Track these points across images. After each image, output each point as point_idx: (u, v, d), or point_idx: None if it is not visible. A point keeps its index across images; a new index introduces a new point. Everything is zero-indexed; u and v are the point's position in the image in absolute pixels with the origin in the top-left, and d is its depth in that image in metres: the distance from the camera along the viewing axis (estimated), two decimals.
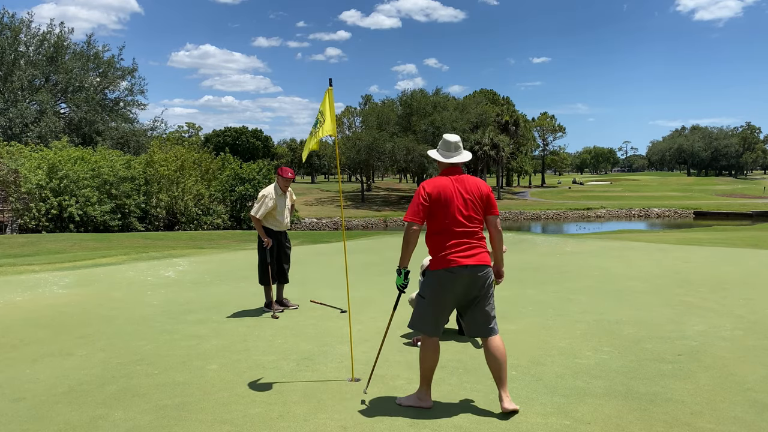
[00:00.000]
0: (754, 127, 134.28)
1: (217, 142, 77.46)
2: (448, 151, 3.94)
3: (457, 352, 5.11)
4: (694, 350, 5.08)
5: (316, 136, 4.65)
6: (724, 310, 6.59)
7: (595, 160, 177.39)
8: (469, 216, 3.82)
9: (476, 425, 3.59)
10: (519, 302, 6.91)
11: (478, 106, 66.72)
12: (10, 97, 40.33)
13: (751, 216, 49.14)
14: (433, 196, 3.79)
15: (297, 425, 3.62)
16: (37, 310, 7.17)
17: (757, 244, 14.57)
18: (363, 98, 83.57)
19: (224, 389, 4.27)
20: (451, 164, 3.92)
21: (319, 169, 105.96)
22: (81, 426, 3.66)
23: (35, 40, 44.41)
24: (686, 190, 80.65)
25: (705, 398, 3.98)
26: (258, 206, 6.81)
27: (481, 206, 3.87)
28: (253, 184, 33.19)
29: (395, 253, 12.36)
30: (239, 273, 9.97)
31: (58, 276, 9.89)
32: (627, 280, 8.57)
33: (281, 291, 7.18)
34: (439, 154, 3.97)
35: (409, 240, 3.83)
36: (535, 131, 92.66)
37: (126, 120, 47.75)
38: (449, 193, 3.80)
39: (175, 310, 7.05)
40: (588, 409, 3.81)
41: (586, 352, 5.08)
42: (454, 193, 3.81)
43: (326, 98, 4.62)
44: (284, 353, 5.16)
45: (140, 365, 4.87)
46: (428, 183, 3.87)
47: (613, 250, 12.23)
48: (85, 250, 14.58)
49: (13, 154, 27.51)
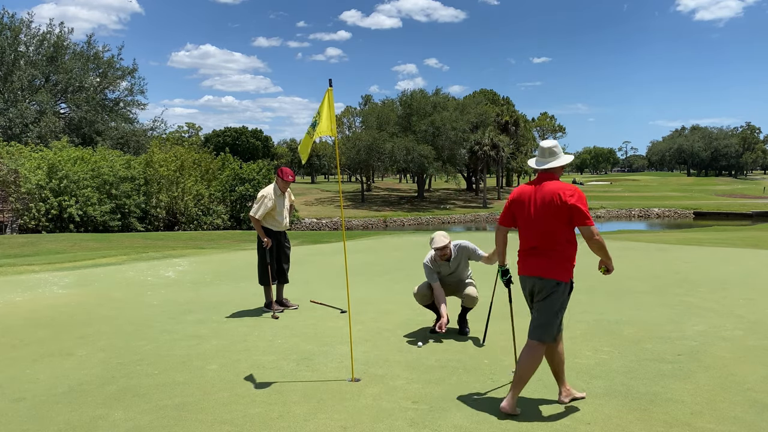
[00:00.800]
0: (754, 127, 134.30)
1: (217, 142, 77.42)
2: (543, 157, 3.92)
3: (457, 352, 5.11)
4: (694, 350, 5.09)
5: (312, 137, 4.65)
6: (724, 310, 6.59)
7: (595, 160, 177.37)
8: (536, 222, 3.79)
9: (476, 425, 3.59)
10: (519, 302, 6.90)
11: (477, 106, 66.63)
12: (10, 97, 40.33)
13: (751, 216, 49.11)
14: (515, 202, 3.92)
15: (297, 425, 3.62)
16: (37, 310, 7.17)
17: (757, 244, 14.57)
18: (363, 98, 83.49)
19: (224, 389, 4.27)
20: (541, 170, 3.91)
21: (319, 169, 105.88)
22: (81, 426, 3.66)
23: (35, 40, 44.40)
24: (686, 190, 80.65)
25: (705, 398, 3.98)
26: (257, 207, 6.81)
27: (550, 213, 3.73)
28: (253, 184, 33.19)
29: (395, 253, 12.38)
30: (239, 273, 9.97)
31: (58, 276, 9.89)
32: (627, 280, 8.57)
33: (281, 291, 7.18)
34: (534, 163, 3.96)
35: (495, 240, 4.10)
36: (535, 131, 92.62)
37: (126, 120, 47.72)
38: (524, 199, 3.86)
39: (175, 310, 7.05)
40: (588, 409, 3.81)
41: (586, 352, 5.08)
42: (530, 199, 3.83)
43: (325, 99, 4.62)
44: (284, 353, 5.16)
45: (140, 365, 4.87)
46: (519, 188, 3.99)
47: (613, 250, 12.17)
48: (85, 250, 14.58)
49: (13, 154, 27.51)
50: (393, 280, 8.93)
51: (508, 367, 4.67)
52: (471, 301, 5.74)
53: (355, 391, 4.20)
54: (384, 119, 62.46)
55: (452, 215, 54.33)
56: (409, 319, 6.33)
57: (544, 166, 3.87)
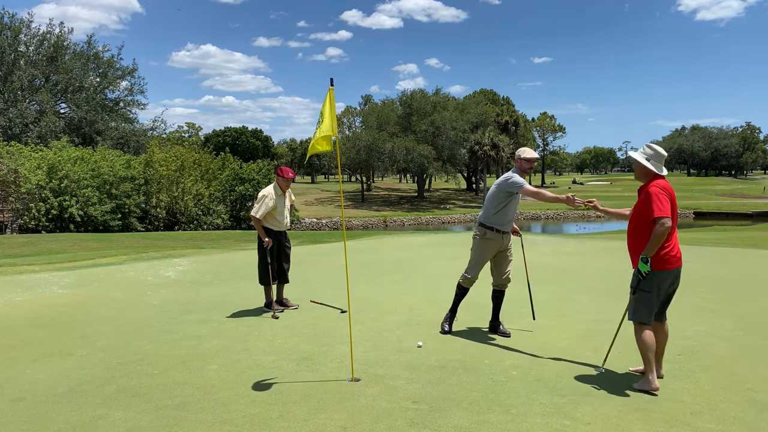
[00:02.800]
0: (754, 127, 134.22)
1: (216, 142, 77.42)
2: (662, 164, 4.36)
3: (457, 352, 5.11)
4: (694, 350, 5.09)
5: (317, 137, 4.65)
6: (724, 310, 6.59)
7: (595, 160, 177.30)
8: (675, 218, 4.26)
9: (476, 425, 3.59)
10: (519, 302, 6.90)
11: (477, 106, 66.66)
12: (10, 97, 40.31)
13: (751, 216, 49.09)
14: (671, 196, 4.25)
15: (297, 425, 3.62)
16: (37, 310, 7.16)
17: (757, 244, 14.57)
18: (363, 98, 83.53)
19: (224, 389, 4.27)
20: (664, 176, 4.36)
21: (319, 169, 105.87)
22: (81, 426, 3.66)
23: (35, 40, 44.39)
24: (686, 190, 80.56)
25: (705, 398, 3.98)
26: (258, 206, 6.81)
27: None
28: (253, 184, 33.17)
29: (395, 253, 12.37)
30: (239, 273, 9.97)
31: (58, 276, 9.89)
32: (627, 280, 8.56)
33: (281, 291, 7.18)
34: (654, 167, 4.30)
35: (665, 234, 4.17)
36: (535, 131, 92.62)
37: (126, 120, 47.71)
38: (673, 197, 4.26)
39: (175, 310, 7.05)
40: (588, 409, 3.81)
41: (586, 352, 5.08)
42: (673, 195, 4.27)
43: (326, 98, 4.63)
44: (284, 353, 5.16)
45: (140, 365, 4.87)
46: (662, 185, 4.25)
47: (613, 250, 12.22)
48: (85, 250, 14.58)
49: (13, 154, 27.49)
50: (393, 280, 8.93)
51: (508, 367, 4.67)
52: (508, 281, 5.70)
53: (355, 391, 4.19)
54: (384, 119, 62.44)
55: (452, 215, 54.32)
56: (409, 319, 6.32)
57: (665, 172, 4.38)
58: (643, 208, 4.25)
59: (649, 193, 4.20)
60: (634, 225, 4.35)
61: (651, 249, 4.15)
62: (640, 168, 4.36)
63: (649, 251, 4.16)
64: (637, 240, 4.32)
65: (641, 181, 4.38)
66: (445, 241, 14.83)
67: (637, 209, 4.35)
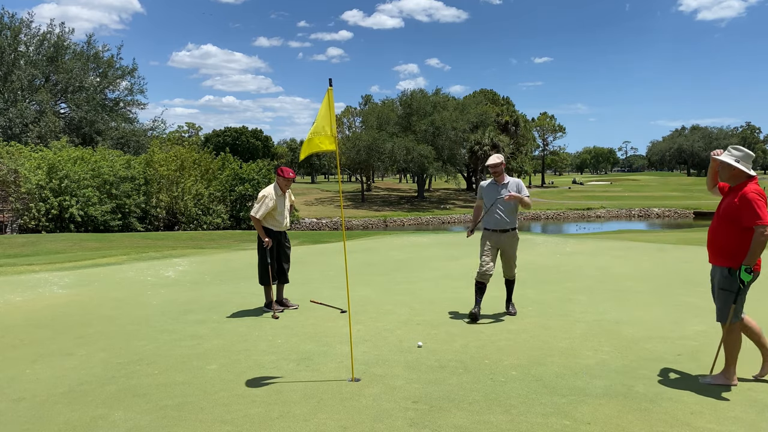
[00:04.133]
0: (754, 127, 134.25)
1: (217, 142, 77.44)
2: (750, 164, 4.32)
3: (457, 352, 5.11)
4: (694, 350, 5.09)
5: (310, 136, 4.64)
6: None
7: (595, 160, 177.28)
8: None
9: (476, 425, 3.59)
10: (519, 302, 6.91)
11: (477, 106, 66.67)
12: (10, 97, 40.32)
13: None
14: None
15: (297, 425, 3.62)
16: (37, 310, 7.17)
17: None
18: (363, 98, 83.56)
19: (224, 389, 4.27)
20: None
21: (319, 169, 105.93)
22: (81, 426, 3.66)
23: (35, 40, 44.40)
24: (686, 190, 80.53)
25: (705, 398, 3.98)
26: (258, 206, 6.82)
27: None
28: (253, 184, 33.17)
29: (395, 253, 12.37)
30: (239, 273, 9.97)
31: (58, 276, 9.89)
32: (627, 280, 8.57)
33: (281, 291, 7.18)
34: (744, 167, 4.25)
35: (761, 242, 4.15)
36: (535, 131, 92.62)
37: (126, 120, 47.71)
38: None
39: (175, 310, 7.05)
40: (588, 409, 3.81)
41: (586, 352, 5.08)
42: None
43: (325, 99, 4.63)
44: (284, 353, 5.16)
45: (140, 365, 4.87)
46: (759, 190, 4.20)
47: (613, 250, 12.22)
48: (85, 250, 14.58)
49: (13, 154, 27.49)
50: (393, 280, 8.93)
51: (508, 367, 4.67)
52: (511, 273, 6.59)
53: (355, 391, 4.20)
54: (384, 119, 62.44)
55: (452, 215, 54.32)
56: (409, 319, 6.32)
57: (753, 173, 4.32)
58: (733, 211, 4.20)
59: (747, 199, 4.12)
60: (722, 225, 4.33)
61: (753, 257, 4.15)
62: (730, 170, 4.30)
63: (751, 260, 4.16)
64: (719, 238, 4.34)
65: (729, 183, 4.36)
66: (445, 242, 14.83)
67: (725, 210, 4.31)
